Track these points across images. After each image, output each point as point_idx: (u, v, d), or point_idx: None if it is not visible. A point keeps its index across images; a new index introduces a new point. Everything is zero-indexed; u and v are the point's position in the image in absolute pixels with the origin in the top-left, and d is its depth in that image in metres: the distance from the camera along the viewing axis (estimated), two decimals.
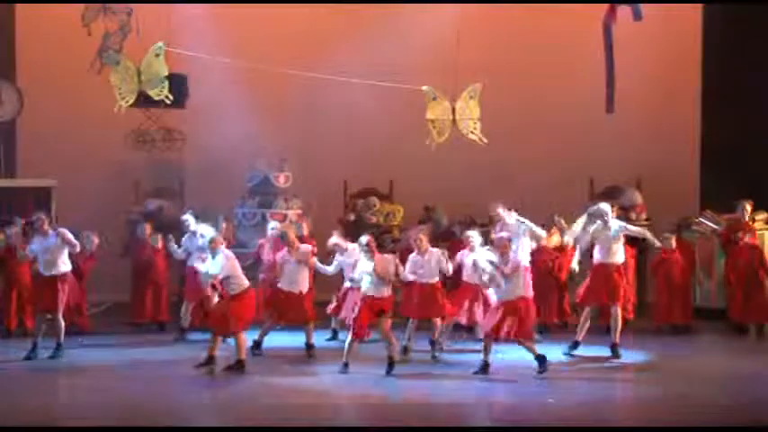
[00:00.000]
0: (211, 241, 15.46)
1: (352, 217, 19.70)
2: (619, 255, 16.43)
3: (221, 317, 15.31)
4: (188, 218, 17.63)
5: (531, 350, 15.16)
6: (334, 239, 16.84)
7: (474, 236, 16.70)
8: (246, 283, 15.45)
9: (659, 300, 18.38)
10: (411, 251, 16.61)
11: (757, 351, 17.16)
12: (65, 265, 16.29)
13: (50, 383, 15.06)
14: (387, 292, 15.23)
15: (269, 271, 17.43)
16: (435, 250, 16.42)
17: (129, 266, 18.90)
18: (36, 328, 16.48)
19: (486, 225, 17.98)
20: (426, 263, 16.18)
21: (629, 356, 16.35)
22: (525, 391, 14.50)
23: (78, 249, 16.43)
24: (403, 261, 18.42)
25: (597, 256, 16.43)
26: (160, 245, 18.40)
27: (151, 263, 18.46)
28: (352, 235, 19.21)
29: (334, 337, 17.54)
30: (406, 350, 16.23)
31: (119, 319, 18.82)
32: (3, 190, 19.77)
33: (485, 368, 15.11)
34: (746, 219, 18.44)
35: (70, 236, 16.22)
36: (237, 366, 15.24)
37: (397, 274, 15.46)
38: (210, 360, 15.27)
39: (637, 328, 17.78)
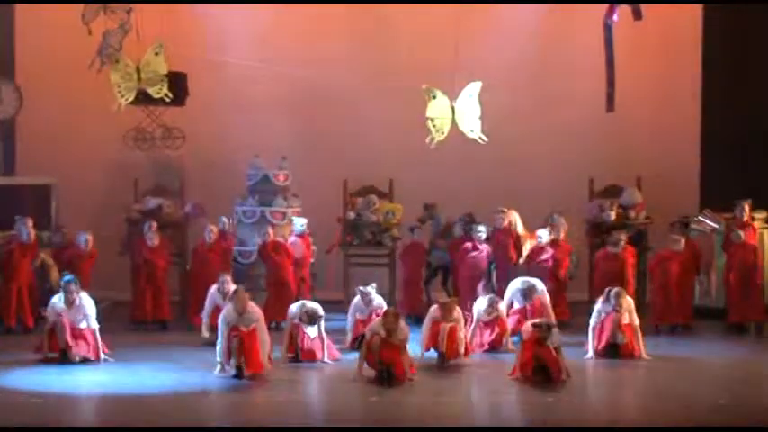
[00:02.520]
0: None
1: (351, 215, 19.67)
2: None
3: None
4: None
5: None
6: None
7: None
8: None
9: (659, 300, 18.35)
10: (417, 248, 16.41)
11: (757, 351, 17.13)
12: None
13: (52, 383, 15.05)
14: None
15: (302, 267, 17.83)
16: None
17: (128, 265, 18.89)
18: None
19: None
20: None
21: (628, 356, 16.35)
22: (524, 391, 14.53)
23: None
24: (404, 258, 18.58)
25: None
26: (157, 242, 18.40)
27: (150, 262, 18.45)
28: (351, 234, 19.32)
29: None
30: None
31: (119, 318, 18.80)
32: (2, 188, 19.76)
33: None
34: (746, 218, 18.41)
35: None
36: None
37: None
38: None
39: None
